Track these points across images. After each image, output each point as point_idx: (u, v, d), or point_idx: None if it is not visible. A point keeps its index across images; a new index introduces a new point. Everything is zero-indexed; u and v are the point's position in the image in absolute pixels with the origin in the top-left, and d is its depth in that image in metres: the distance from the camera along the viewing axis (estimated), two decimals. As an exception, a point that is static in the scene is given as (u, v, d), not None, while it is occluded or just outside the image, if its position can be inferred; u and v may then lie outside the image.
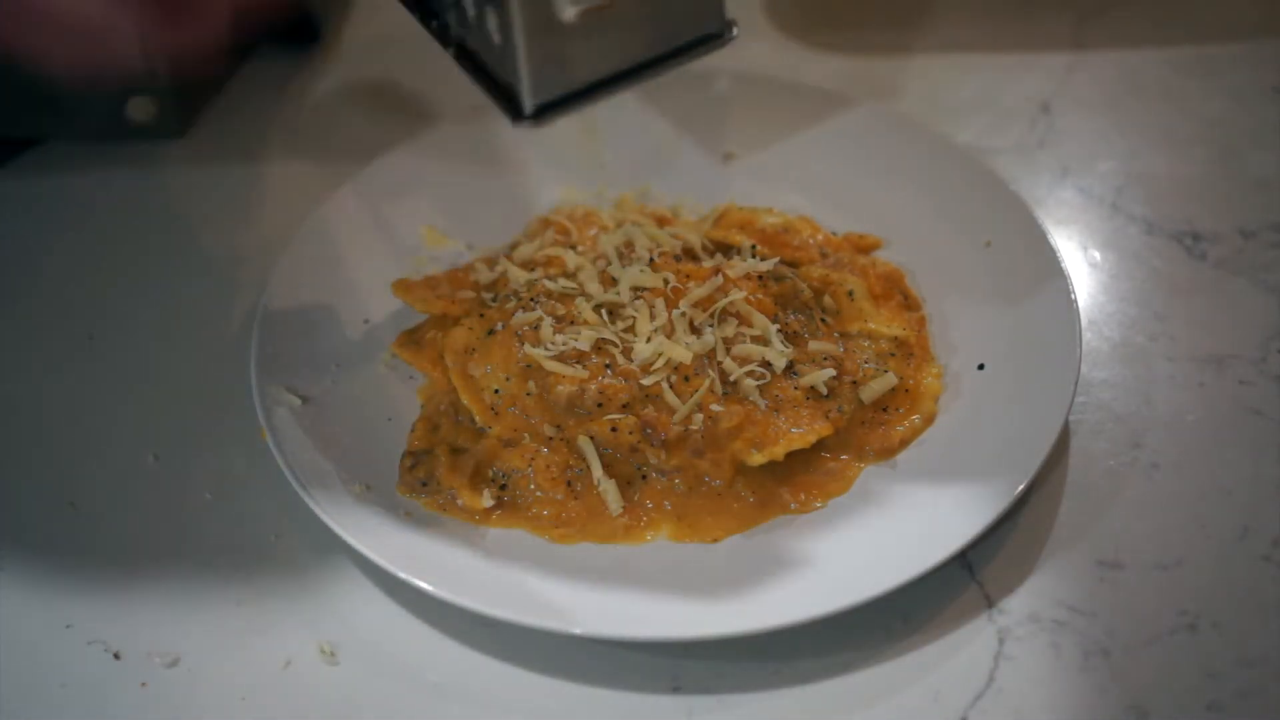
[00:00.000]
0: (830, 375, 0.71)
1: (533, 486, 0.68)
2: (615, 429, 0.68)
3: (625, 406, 0.68)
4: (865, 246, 0.81)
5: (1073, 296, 0.73)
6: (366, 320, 0.78)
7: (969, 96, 0.96)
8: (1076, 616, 0.64)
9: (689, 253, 0.77)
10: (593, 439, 0.68)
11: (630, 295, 0.72)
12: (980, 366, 0.73)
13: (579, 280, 0.73)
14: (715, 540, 0.67)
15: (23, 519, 0.71)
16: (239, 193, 0.90)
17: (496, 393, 0.70)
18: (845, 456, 0.70)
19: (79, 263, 0.85)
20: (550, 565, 0.65)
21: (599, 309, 0.71)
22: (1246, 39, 0.98)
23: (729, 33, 0.62)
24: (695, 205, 0.84)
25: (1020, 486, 0.64)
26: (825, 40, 1.01)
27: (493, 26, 0.58)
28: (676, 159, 0.87)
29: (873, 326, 0.74)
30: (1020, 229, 0.78)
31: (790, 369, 0.70)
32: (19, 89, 0.86)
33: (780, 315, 0.73)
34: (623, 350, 0.70)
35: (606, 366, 0.69)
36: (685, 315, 0.71)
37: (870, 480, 0.69)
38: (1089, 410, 0.73)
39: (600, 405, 0.68)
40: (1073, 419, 0.72)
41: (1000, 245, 0.78)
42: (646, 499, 0.68)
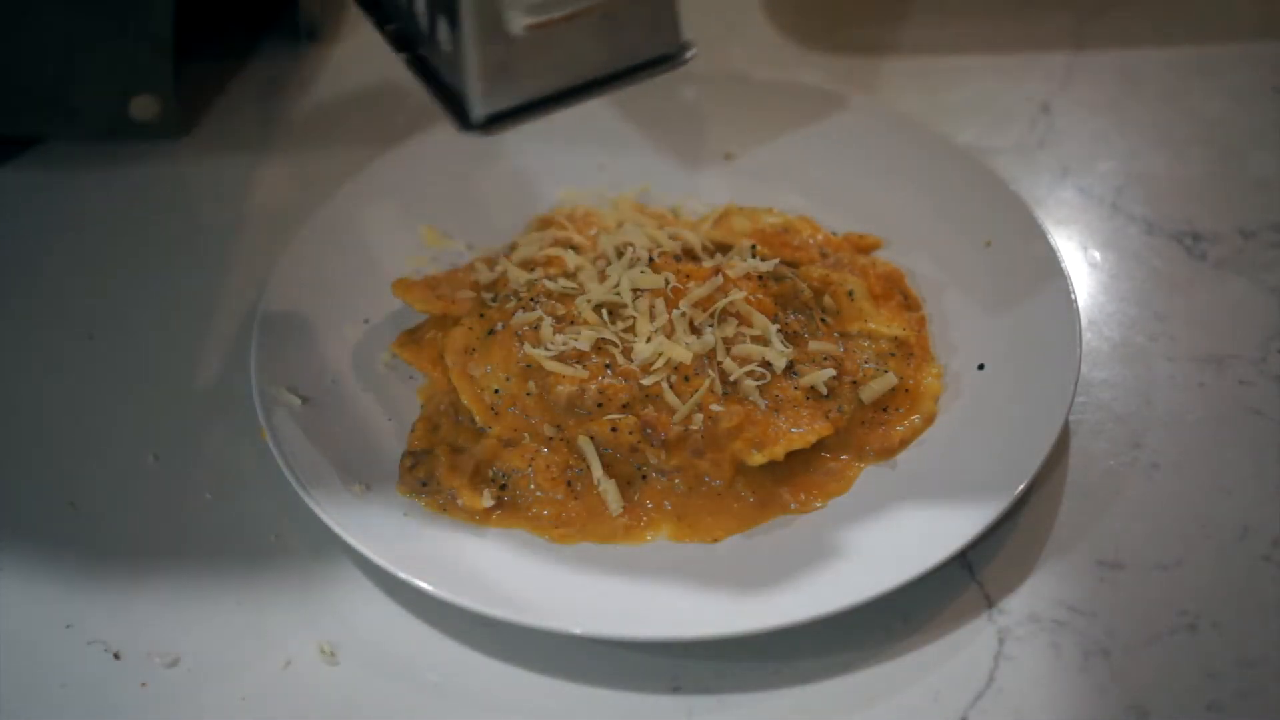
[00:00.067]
0: (830, 375, 0.71)
1: (533, 486, 0.68)
2: (615, 429, 0.68)
3: (625, 406, 0.68)
4: (865, 246, 0.81)
5: (1073, 296, 0.73)
6: (366, 320, 0.78)
7: (969, 96, 0.96)
8: (1076, 616, 0.64)
9: (689, 253, 0.77)
10: (593, 439, 0.68)
11: (630, 295, 0.72)
12: (980, 366, 0.73)
13: (579, 280, 0.73)
14: (715, 540, 0.67)
15: (23, 519, 0.71)
16: (239, 192, 0.90)
17: (496, 393, 0.70)
18: (845, 456, 0.70)
19: (79, 262, 0.85)
20: (550, 565, 0.65)
21: (599, 309, 0.71)
22: (1246, 39, 0.98)
23: (684, 54, 0.62)
24: (695, 205, 0.84)
25: (1020, 486, 0.64)
26: (825, 40, 1.01)
27: (444, 35, 0.58)
28: (676, 159, 0.87)
29: (873, 326, 0.74)
30: (1020, 229, 0.78)
31: (790, 369, 0.70)
32: (21, 88, 0.86)
33: (780, 315, 0.73)
34: (623, 350, 0.70)
35: (606, 366, 0.69)
36: (685, 315, 0.71)
37: (870, 480, 0.69)
38: (1089, 410, 0.73)
39: (600, 405, 0.68)
40: (1073, 419, 0.72)
41: (1000, 245, 0.78)
42: (646, 499, 0.68)
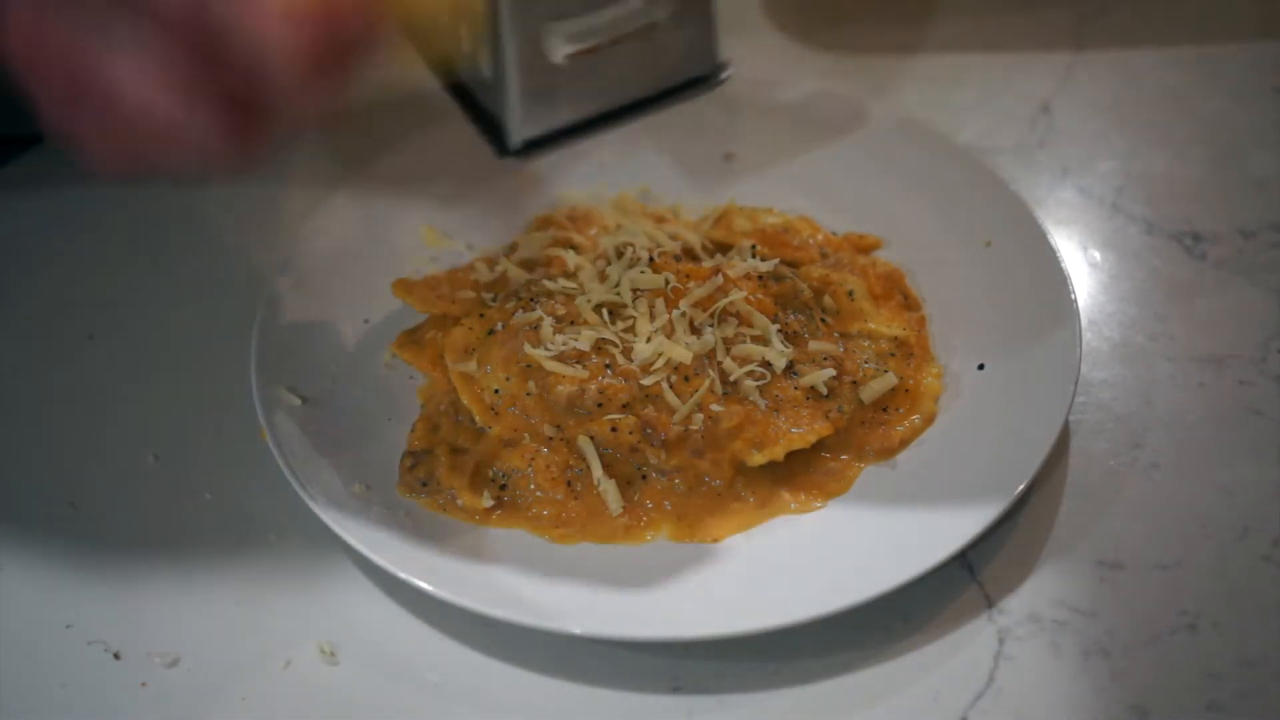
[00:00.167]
0: (830, 375, 0.71)
1: (533, 486, 0.68)
2: (615, 429, 0.68)
3: (625, 406, 0.68)
4: (865, 246, 0.81)
5: (1073, 296, 0.73)
6: (366, 320, 0.78)
7: (969, 96, 0.96)
8: (1076, 616, 0.64)
9: (689, 253, 0.77)
10: (593, 439, 0.68)
11: (630, 295, 0.72)
12: (980, 366, 0.73)
13: (579, 280, 0.73)
14: (715, 540, 0.67)
15: (23, 519, 0.71)
16: (239, 192, 0.90)
17: (496, 393, 0.70)
18: (845, 456, 0.70)
19: (79, 262, 0.85)
20: (550, 565, 0.65)
21: (599, 309, 0.71)
22: (1246, 39, 0.98)
23: (720, 74, 0.62)
24: (695, 205, 0.84)
25: (1020, 486, 0.64)
26: (825, 40, 1.01)
27: (485, 61, 0.58)
28: (676, 159, 0.87)
29: (873, 326, 0.74)
30: (1020, 229, 0.78)
31: (790, 369, 0.70)
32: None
33: (780, 315, 0.73)
34: (623, 350, 0.70)
35: (606, 366, 0.69)
36: (685, 315, 0.71)
37: (870, 480, 0.69)
38: (1089, 410, 0.73)
39: (600, 405, 0.68)
40: (1073, 419, 0.72)
41: (1000, 245, 0.78)
42: (646, 499, 0.68)
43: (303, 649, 0.65)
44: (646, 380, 0.68)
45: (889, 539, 0.65)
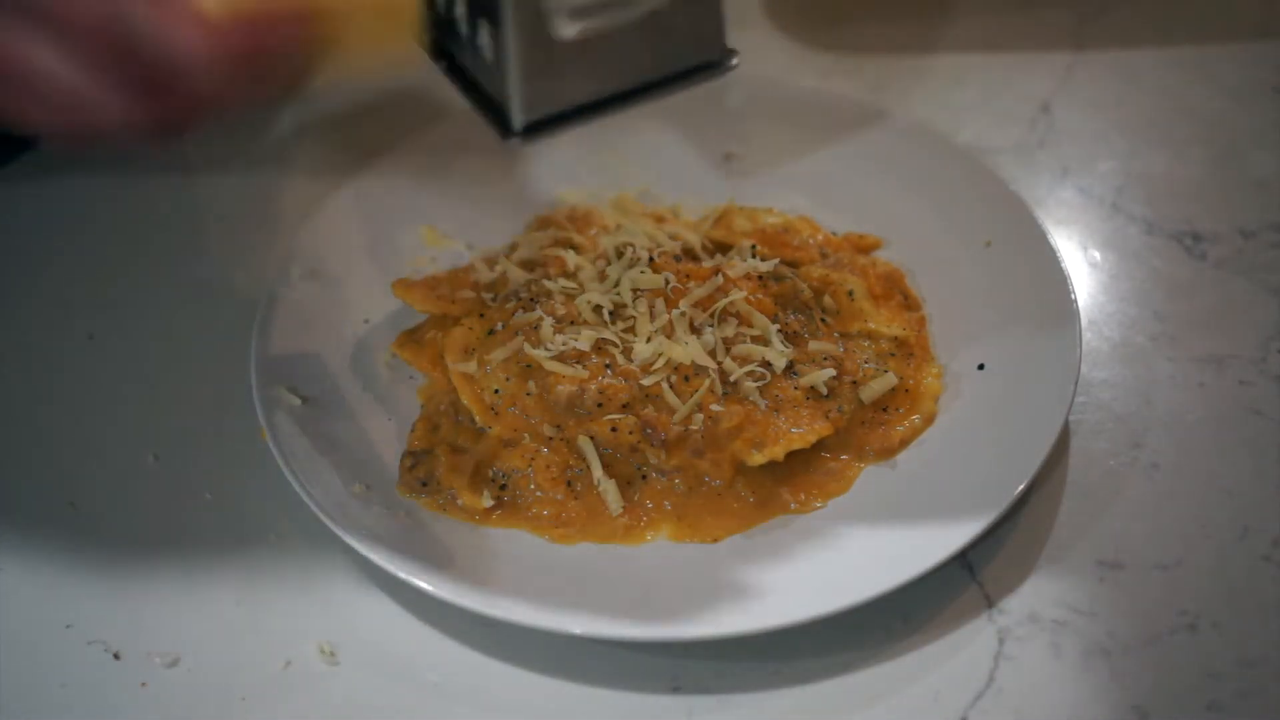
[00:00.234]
0: (830, 375, 0.70)
1: (533, 486, 0.68)
2: (615, 429, 0.68)
3: (625, 406, 0.68)
4: (865, 246, 0.81)
5: (1073, 296, 0.73)
6: (366, 320, 0.78)
7: (969, 96, 0.96)
8: (1076, 616, 0.64)
9: (689, 253, 0.77)
10: (593, 439, 0.68)
11: (630, 295, 0.72)
12: (980, 366, 0.73)
13: (579, 280, 0.73)
14: (715, 540, 0.67)
15: (23, 519, 0.71)
16: (239, 192, 0.90)
17: (496, 393, 0.70)
18: (845, 456, 0.70)
19: (79, 263, 0.85)
20: (550, 565, 0.65)
21: (599, 309, 0.71)
22: (1246, 39, 0.98)
23: (728, 61, 0.61)
24: (695, 205, 0.84)
25: (1020, 486, 0.64)
26: (825, 39, 1.01)
27: (486, 43, 0.57)
28: (676, 159, 0.87)
29: (873, 326, 0.74)
30: (1020, 229, 0.78)
31: (790, 369, 0.70)
32: None
33: (780, 315, 0.73)
34: (623, 350, 0.70)
35: (606, 366, 0.69)
36: (685, 315, 0.71)
37: (870, 480, 0.69)
38: (1089, 410, 0.73)
39: (600, 405, 0.68)
40: (1073, 419, 0.72)
41: (1000, 245, 0.78)
42: (646, 499, 0.68)
43: (303, 649, 0.65)
44: (646, 380, 0.68)
45: (889, 539, 0.65)
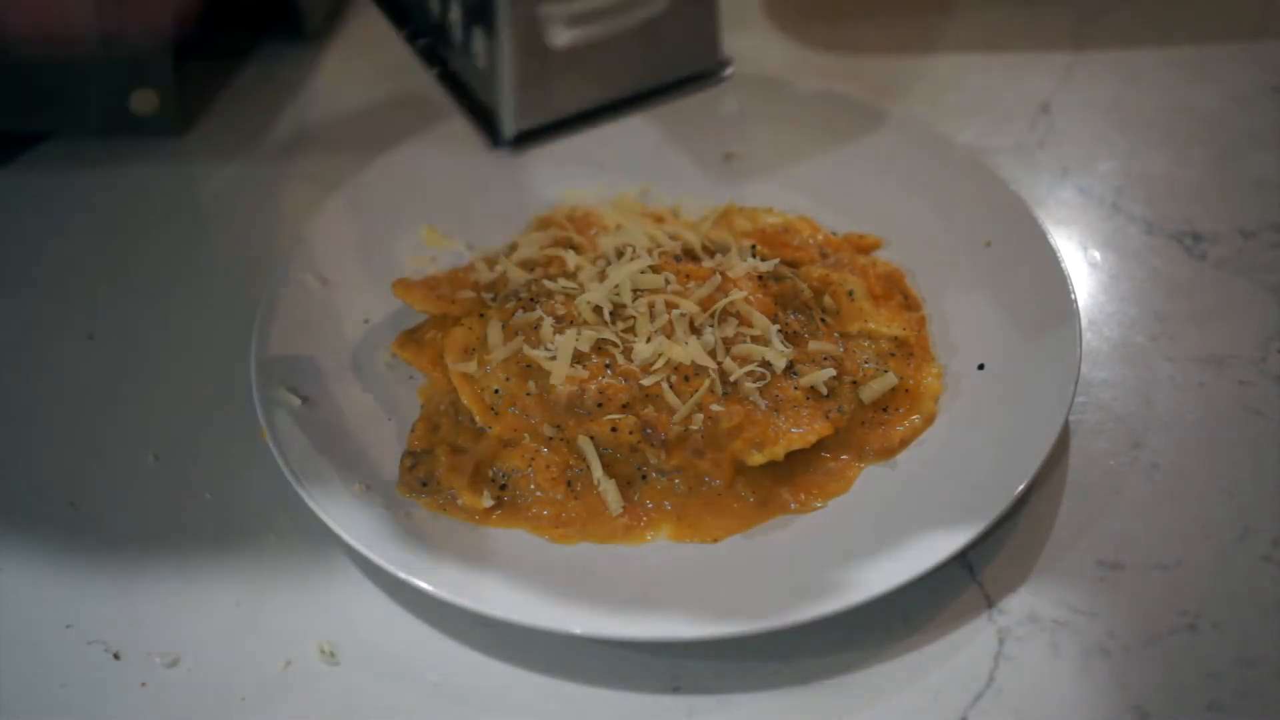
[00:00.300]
0: (830, 375, 0.71)
1: (533, 486, 0.68)
2: (615, 429, 0.68)
3: (625, 406, 0.68)
4: (865, 246, 0.81)
5: (1073, 296, 0.73)
6: (366, 320, 0.78)
7: (969, 96, 0.96)
8: (1076, 616, 0.64)
9: (689, 253, 0.77)
10: (593, 439, 0.68)
11: (630, 295, 0.72)
12: (980, 366, 0.73)
13: (579, 280, 0.73)
14: (715, 540, 0.67)
15: (23, 519, 0.71)
16: (239, 192, 0.90)
17: (496, 393, 0.70)
18: (845, 456, 0.70)
19: (79, 262, 0.85)
20: (550, 565, 0.65)
21: (599, 309, 0.71)
22: (1246, 39, 0.98)
23: (723, 70, 0.61)
24: (695, 205, 0.84)
25: (1020, 486, 0.64)
26: (824, 39, 1.01)
27: (479, 49, 0.57)
28: (676, 159, 0.87)
29: (873, 326, 0.74)
30: (1020, 229, 0.78)
31: (790, 369, 0.70)
32: (25, 83, 0.86)
33: (780, 315, 0.73)
34: (623, 350, 0.70)
35: (606, 366, 0.69)
36: (685, 315, 0.71)
37: (870, 480, 0.69)
38: (1089, 410, 0.73)
39: (600, 405, 0.68)
40: (1073, 419, 0.72)
41: (1000, 245, 0.78)
42: (646, 499, 0.68)
43: (303, 649, 0.65)
44: (646, 380, 0.68)
45: (889, 539, 0.65)
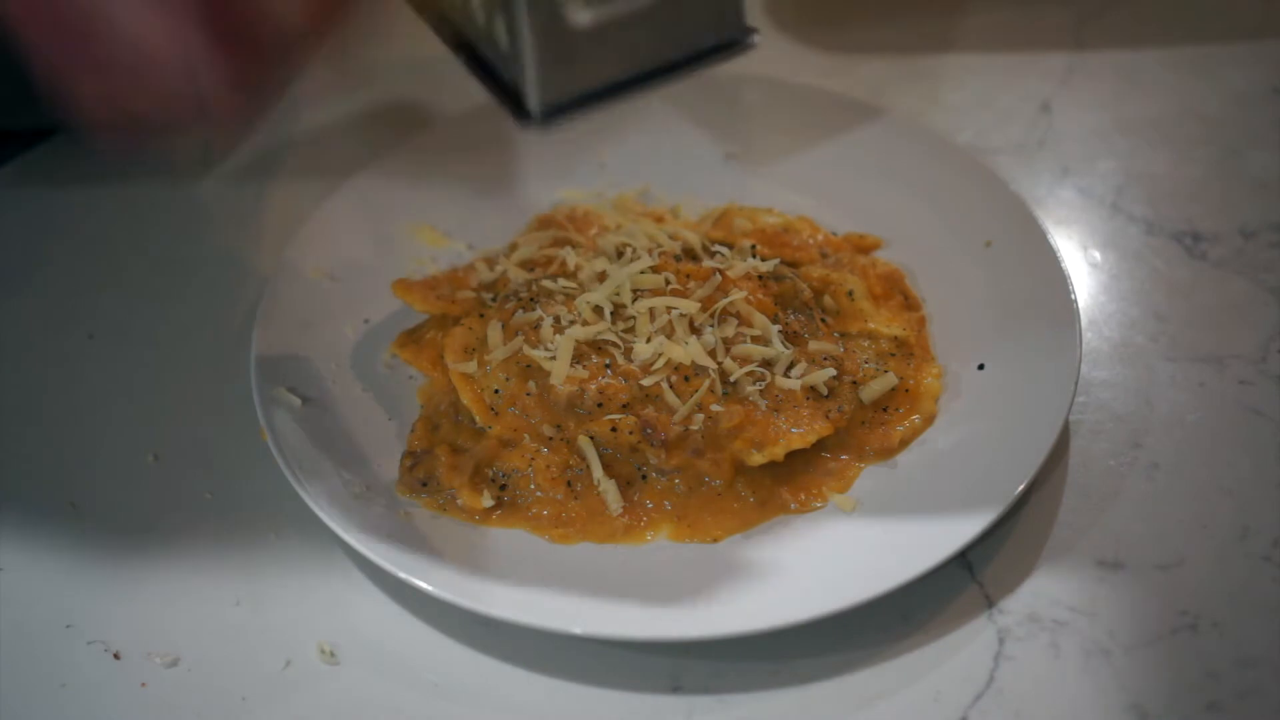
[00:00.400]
0: (830, 375, 0.71)
1: (533, 486, 0.68)
2: (615, 429, 0.68)
3: (625, 406, 0.68)
4: (865, 246, 0.81)
5: (1073, 296, 0.73)
6: (366, 320, 0.78)
7: (969, 96, 0.96)
8: (1076, 616, 0.64)
9: (689, 253, 0.77)
10: (593, 439, 0.68)
11: (630, 295, 0.72)
12: (980, 366, 0.73)
13: (579, 280, 0.73)
14: (715, 540, 0.67)
15: (23, 519, 0.71)
16: (239, 192, 0.90)
17: (496, 393, 0.70)
18: (845, 456, 0.70)
19: (80, 262, 0.85)
20: (550, 565, 0.65)
21: (599, 309, 0.71)
22: (1246, 39, 0.98)
23: (749, 39, 0.60)
24: (695, 205, 0.84)
25: (1020, 486, 0.64)
26: (825, 39, 1.01)
27: (501, 29, 0.57)
28: (676, 159, 0.87)
29: (873, 326, 0.74)
30: (1020, 229, 0.78)
31: (790, 369, 0.70)
32: (25, 79, 0.86)
33: (780, 315, 0.73)
34: (623, 350, 0.70)
35: (606, 366, 0.69)
36: (685, 315, 0.71)
37: (870, 480, 0.69)
38: (1089, 410, 0.73)
39: (600, 405, 0.68)
40: (1073, 419, 0.72)
41: (1000, 245, 0.78)
42: (646, 499, 0.68)
43: (303, 649, 0.64)
44: (646, 380, 0.68)
45: (889, 539, 0.65)
